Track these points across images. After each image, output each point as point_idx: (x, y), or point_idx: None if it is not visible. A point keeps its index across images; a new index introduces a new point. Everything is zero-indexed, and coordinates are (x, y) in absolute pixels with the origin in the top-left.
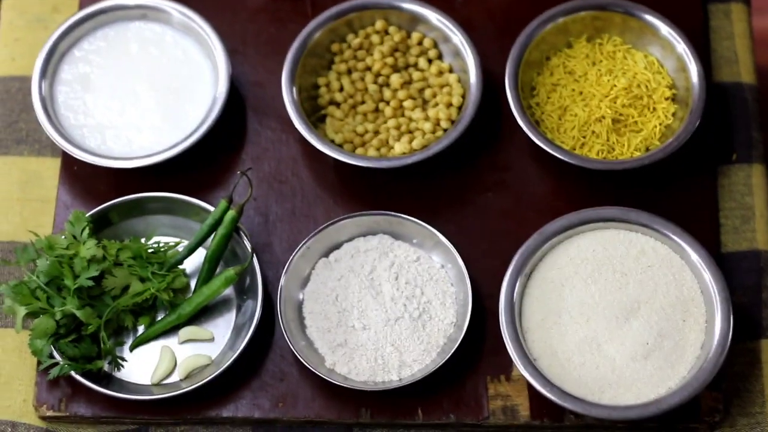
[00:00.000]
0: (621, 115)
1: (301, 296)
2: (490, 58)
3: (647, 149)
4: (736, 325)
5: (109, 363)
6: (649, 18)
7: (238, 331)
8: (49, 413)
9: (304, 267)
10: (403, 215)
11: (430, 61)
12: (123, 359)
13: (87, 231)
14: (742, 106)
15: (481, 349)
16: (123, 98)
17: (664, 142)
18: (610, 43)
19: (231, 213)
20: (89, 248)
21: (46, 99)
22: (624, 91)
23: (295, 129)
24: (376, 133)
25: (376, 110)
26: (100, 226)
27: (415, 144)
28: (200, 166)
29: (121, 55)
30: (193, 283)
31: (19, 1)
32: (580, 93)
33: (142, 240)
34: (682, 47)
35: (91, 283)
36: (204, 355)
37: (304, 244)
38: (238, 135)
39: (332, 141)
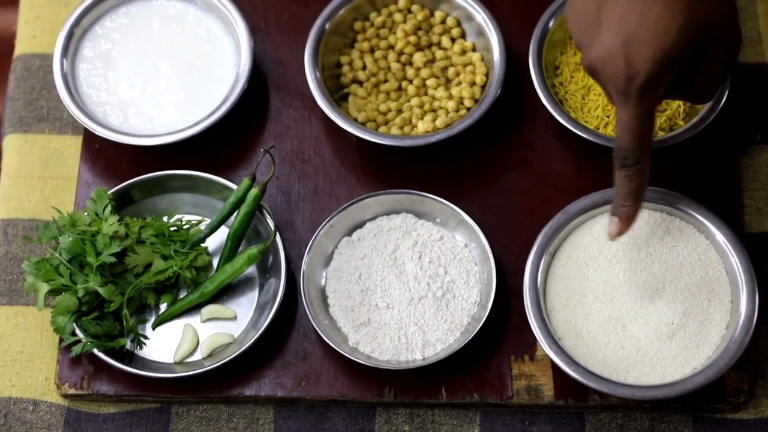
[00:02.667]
0: None
1: (324, 275)
2: (513, 36)
3: (671, 129)
4: (761, 305)
5: (132, 341)
6: None
7: (260, 309)
8: (71, 391)
9: (327, 246)
10: (426, 194)
11: (453, 40)
12: (145, 337)
13: (109, 208)
14: (767, 86)
15: (504, 328)
16: (145, 76)
17: (688, 122)
18: None
19: (254, 191)
20: (111, 225)
21: (67, 76)
22: None
23: (318, 107)
24: (399, 111)
25: (399, 89)
26: (122, 203)
27: (439, 123)
28: (222, 144)
29: (143, 32)
30: (215, 262)
31: None
32: None
33: (164, 218)
34: None
35: (113, 259)
36: (226, 333)
37: (327, 222)
38: (261, 113)
39: (355, 119)
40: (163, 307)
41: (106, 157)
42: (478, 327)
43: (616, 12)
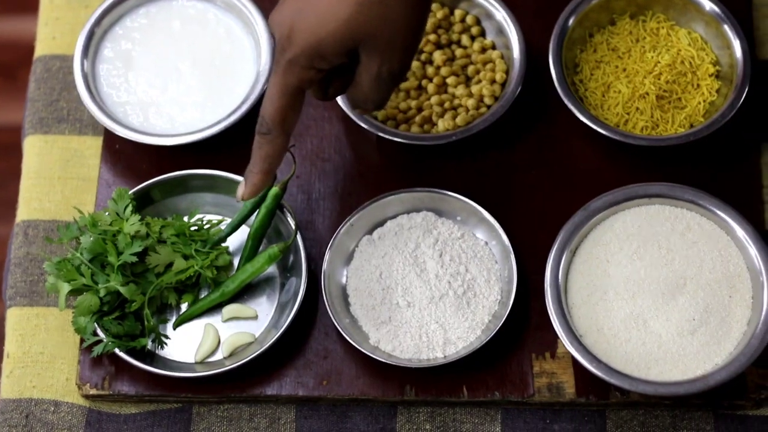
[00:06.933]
0: (665, 91)
1: (345, 273)
2: (533, 34)
3: (691, 126)
4: None
5: (153, 341)
6: None
7: (281, 308)
8: (92, 392)
9: (348, 244)
10: (447, 192)
11: (473, 38)
12: (166, 337)
13: (130, 208)
14: None
15: (525, 326)
16: (165, 75)
17: (708, 119)
18: (654, 20)
19: (274, 190)
20: (133, 224)
21: (88, 77)
22: (668, 67)
23: (338, 106)
24: (419, 110)
25: (419, 87)
26: (142, 203)
27: (459, 121)
28: (243, 144)
29: (164, 32)
30: (236, 261)
31: None
32: (624, 70)
33: (185, 218)
34: (726, 24)
35: (134, 259)
36: (247, 333)
37: (347, 221)
38: None
39: (375, 118)
40: (184, 306)
41: (126, 157)
42: (499, 325)
43: None
